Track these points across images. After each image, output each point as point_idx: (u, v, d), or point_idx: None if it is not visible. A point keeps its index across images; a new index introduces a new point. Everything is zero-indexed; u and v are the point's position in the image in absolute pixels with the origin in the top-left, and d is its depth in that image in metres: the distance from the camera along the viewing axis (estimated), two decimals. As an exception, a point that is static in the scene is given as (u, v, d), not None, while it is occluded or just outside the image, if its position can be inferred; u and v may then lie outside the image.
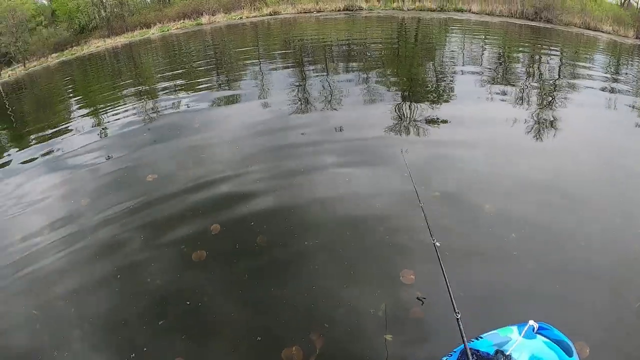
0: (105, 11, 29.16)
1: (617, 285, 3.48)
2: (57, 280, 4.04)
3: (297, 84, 10.33)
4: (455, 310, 2.05)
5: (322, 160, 5.90)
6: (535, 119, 7.63)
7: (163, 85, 11.74)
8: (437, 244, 2.70)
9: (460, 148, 6.11)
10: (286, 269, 3.83)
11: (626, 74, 14.01)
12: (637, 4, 31.92)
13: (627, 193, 4.99)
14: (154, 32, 26.73)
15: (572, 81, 11.20)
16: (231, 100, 9.38)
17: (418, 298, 3.38)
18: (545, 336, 1.73)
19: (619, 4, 32.19)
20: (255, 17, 27.99)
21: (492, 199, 4.74)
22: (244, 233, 4.40)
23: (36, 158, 7.41)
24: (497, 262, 3.81)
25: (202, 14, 28.31)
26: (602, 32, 25.15)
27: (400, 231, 4.23)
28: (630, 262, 3.76)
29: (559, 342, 1.69)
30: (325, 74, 11.20)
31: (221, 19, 28.06)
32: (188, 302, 3.55)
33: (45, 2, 29.52)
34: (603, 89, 10.39)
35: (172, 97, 10.16)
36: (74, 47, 25.76)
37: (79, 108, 10.89)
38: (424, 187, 4.84)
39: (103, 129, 8.44)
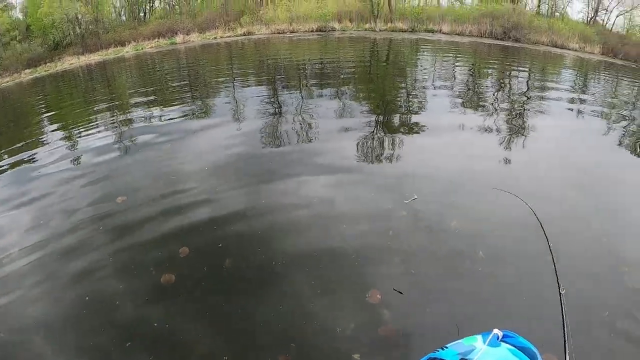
0: (80, 28, 28.89)
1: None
2: (23, 304, 3.87)
3: (271, 104, 10.23)
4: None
5: (293, 180, 5.75)
6: (505, 133, 7.83)
7: (136, 105, 11.50)
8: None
9: (432, 163, 6.15)
10: (254, 291, 3.72)
11: (593, 87, 14.50)
12: (603, 21, 33.19)
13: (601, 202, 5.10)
14: (128, 51, 26.46)
15: (540, 96, 11.49)
16: (204, 121, 9.21)
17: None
18: (509, 344, 1.67)
19: (585, 21, 33.38)
20: (229, 37, 28.06)
21: (459, 217, 4.75)
22: (212, 255, 4.28)
23: (-1, 176, 7.15)
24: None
25: (176, 33, 28.25)
26: (569, 49, 25.96)
27: (369, 252, 4.18)
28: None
29: (523, 349, 1.63)
30: (299, 93, 11.15)
31: (195, 38, 28.07)
32: (156, 324, 3.43)
33: (21, 17, 29.05)
34: (571, 101, 10.78)
35: (145, 117, 9.95)
36: (48, 64, 25.16)
37: (50, 126, 10.56)
38: (397, 204, 4.89)
39: (74, 147, 8.18)
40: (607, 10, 33.09)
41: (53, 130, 9.95)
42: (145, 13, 35.38)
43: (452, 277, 3.82)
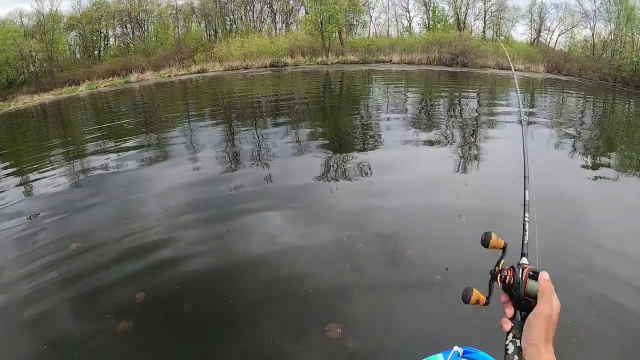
0: (34, 66, 28.41)
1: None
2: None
3: (226, 140, 10.04)
4: None
5: (249, 218, 5.68)
6: (459, 156, 7.98)
7: (90, 146, 11.14)
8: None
9: (386, 194, 6.12)
10: (213, 334, 3.61)
11: (540, 102, 15.07)
12: (546, 40, 34.74)
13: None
14: (82, 89, 26.00)
15: (490, 116, 11.86)
16: (159, 162, 8.94)
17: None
18: (470, 359, 1.70)
19: (529, 42, 34.85)
20: (183, 74, 28.05)
21: (415, 246, 4.75)
22: (169, 299, 4.14)
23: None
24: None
25: (131, 72, 28.03)
26: (515, 70, 26.94)
27: (327, 286, 4.13)
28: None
29: None
30: (253, 129, 11.03)
31: (150, 76, 27.87)
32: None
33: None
34: (519, 117, 11.17)
35: (100, 157, 9.59)
36: (1, 103, 24.42)
37: (2, 167, 10.23)
38: (352, 237, 4.85)
39: (26, 191, 7.78)
40: (549, 30, 34.80)
41: (4, 173, 9.55)
42: (99, 51, 35.19)
43: (410, 302, 3.81)
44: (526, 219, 1.15)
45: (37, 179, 8.34)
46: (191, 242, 5.19)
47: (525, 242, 1.10)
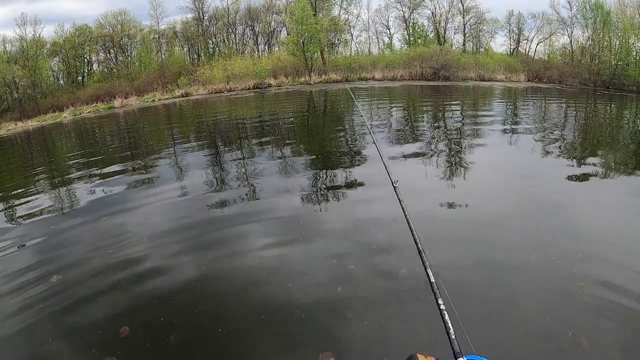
0: (17, 92, 28.25)
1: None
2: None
3: (211, 162, 9.89)
4: None
5: (234, 242, 5.55)
6: (447, 167, 8.09)
7: (74, 171, 10.82)
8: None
9: (377, 210, 6.05)
10: None
11: (522, 110, 15.25)
12: (525, 50, 35.29)
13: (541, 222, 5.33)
14: (66, 116, 25.81)
15: (474, 127, 12.01)
16: (143, 186, 8.69)
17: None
18: None
19: (509, 52, 35.39)
20: (167, 99, 28.00)
21: (408, 264, 4.70)
22: (155, 332, 4.04)
23: None
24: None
25: (114, 97, 27.91)
26: (496, 81, 27.38)
27: (319, 311, 4.05)
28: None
29: None
30: (239, 151, 10.96)
31: (134, 101, 27.78)
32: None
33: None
34: (503, 125, 11.34)
35: (83, 184, 9.37)
36: None
37: None
38: (342, 256, 4.83)
39: (8, 219, 7.73)
40: (527, 40, 35.40)
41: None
42: (83, 77, 35.16)
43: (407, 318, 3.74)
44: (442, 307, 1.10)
45: (18, 208, 8.18)
46: (176, 269, 5.04)
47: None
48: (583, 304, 3.77)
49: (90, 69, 35.80)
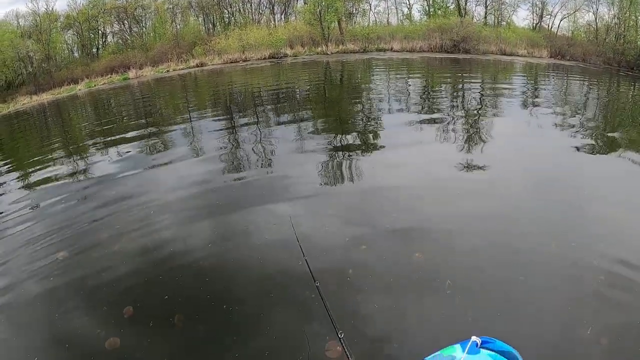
0: (32, 66, 28.36)
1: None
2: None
3: (228, 134, 9.82)
4: None
5: (244, 218, 5.44)
6: (464, 141, 7.83)
7: (88, 145, 10.88)
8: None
9: (396, 187, 5.87)
10: (205, 347, 3.38)
11: (545, 87, 14.84)
12: (548, 25, 34.37)
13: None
14: (81, 88, 25.88)
15: (494, 101, 11.68)
16: (155, 160, 8.37)
17: None
18: (489, 349, 1.71)
19: (531, 27, 34.51)
20: (182, 69, 27.86)
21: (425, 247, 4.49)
22: (159, 311, 3.90)
23: None
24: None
25: (129, 68, 27.87)
26: (518, 55, 26.70)
27: (328, 291, 3.86)
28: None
29: (503, 353, 1.68)
30: (255, 122, 10.82)
31: (148, 72, 27.72)
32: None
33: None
34: (524, 102, 11.13)
35: (95, 158, 9.28)
36: (0, 105, 24.47)
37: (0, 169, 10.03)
38: (356, 236, 4.61)
39: (24, 194, 7.61)
40: (551, 15, 34.39)
41: (2, 174, 9.34)
42: (97, 49, 35.09)
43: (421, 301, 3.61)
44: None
45: (35, 180, 8.18)
46: (185, 247, 4.93)
47: None
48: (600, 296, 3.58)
49: (105, 41, 35.58)
